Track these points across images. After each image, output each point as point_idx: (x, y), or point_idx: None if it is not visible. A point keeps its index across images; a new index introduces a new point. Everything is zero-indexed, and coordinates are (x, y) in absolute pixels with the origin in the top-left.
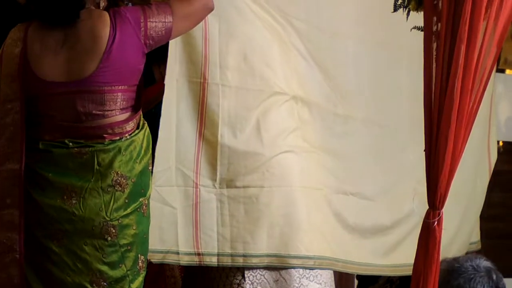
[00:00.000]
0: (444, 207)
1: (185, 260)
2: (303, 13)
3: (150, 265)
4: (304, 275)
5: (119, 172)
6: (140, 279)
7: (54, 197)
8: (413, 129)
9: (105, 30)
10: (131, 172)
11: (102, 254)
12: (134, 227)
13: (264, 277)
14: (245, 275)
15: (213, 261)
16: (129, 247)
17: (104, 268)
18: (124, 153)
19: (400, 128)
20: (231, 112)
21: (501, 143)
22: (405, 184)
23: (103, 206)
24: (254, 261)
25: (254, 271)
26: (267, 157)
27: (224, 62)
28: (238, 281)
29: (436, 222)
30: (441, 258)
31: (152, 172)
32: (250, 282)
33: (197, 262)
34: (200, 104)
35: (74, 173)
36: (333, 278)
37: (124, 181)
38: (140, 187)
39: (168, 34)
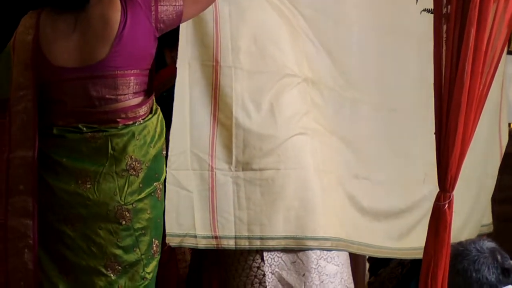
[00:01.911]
0: (456, 190)
1: (202, 244)
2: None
3: (161, 249)
4: (322, 257)
5: (133, 157)
6: (154, 263)
7: (68, 181)
8: (422, 113)
9: (116, 15)
10: (145, 156)
11: (117, 238)
12: (148, 212)
13: (282, 259)
14: (264, 258)
15: (230, 244)
16: (143, 231)
17: (119, 252)
18: (138, 138)
19: (409, 113)
20: (245, 95)
21: (511, 126)
22: (417, 168)
23: (117, 190)
24: (271, 243)
25: (272, 253)
26: (281, 140)
27: (236, 45)
28: (257, 265)
29: (446, 205)
30: (452, 241)
31: (166, 156)
32: (268, 265)
33: (215, 246)
34: (214, 87)
35: (88, 158)
36: (349, 260)
37: (138, 165)
38: (154, 172)
39: (179, 18)
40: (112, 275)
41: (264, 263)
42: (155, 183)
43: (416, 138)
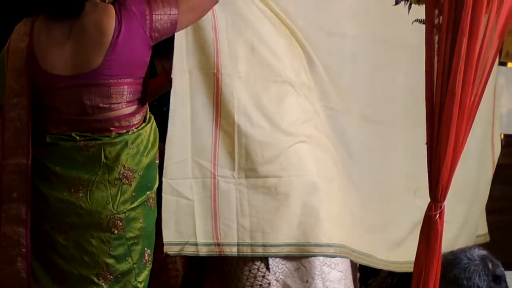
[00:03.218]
0: (449, 201)
1: (204, 251)
2: (301, 11)
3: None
4: (325, 263)
5: (126, 165)
6: (146, 272)
7: (61, 190)
8: (408, 126)
9: (111, 23)
10: (138, 165)
11: (109, 247)
12: (141, 221)
13: (286, 266)
14: (269, 266)
15: (233, 251)
16: (135, 241)
17: (111, 261)
18: (131, 146)
19: (395, 125)
20: (246, 102)
21: (502, 136)
22: (401, 182)
23: (110, 199)
24: (274, 250)
25: (276, 260)
26: (283, 147)
27: (234, 53)
28: (262, 274)
29: (438, 215)
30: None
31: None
32: (273, 272)
33: (217, 253)
34: (215, 94)
35: (81, 166)
36: (351, 267)
37: (131, 174)
38: (147, 181)
39: (174, 27)
40: (103, 284)
41: (269, 272)
42: (147, 192)
43: (401, 151)
